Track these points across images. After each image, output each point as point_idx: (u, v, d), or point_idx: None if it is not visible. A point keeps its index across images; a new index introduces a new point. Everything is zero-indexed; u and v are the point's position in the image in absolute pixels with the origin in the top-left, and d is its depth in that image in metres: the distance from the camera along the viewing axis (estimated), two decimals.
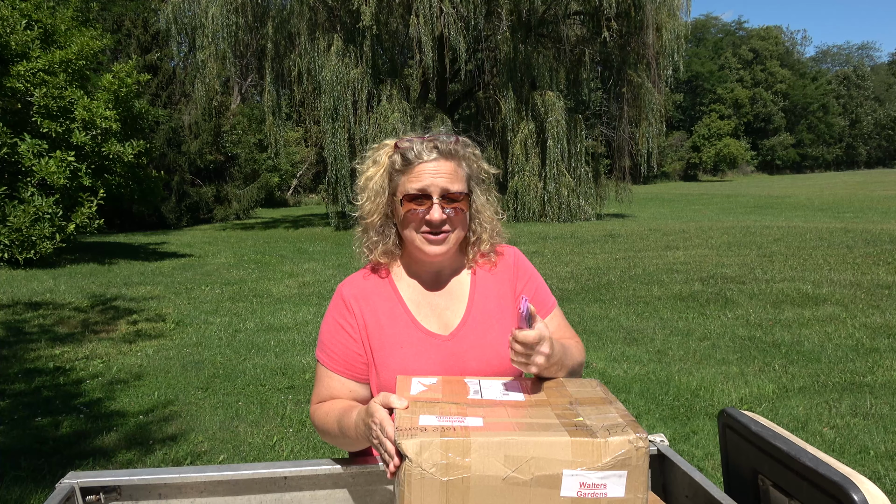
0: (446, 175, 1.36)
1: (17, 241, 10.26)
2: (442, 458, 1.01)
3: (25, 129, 10.53)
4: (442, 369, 1.37)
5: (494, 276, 1.49)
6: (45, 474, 3.36)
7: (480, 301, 1.46)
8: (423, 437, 1.02)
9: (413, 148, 1.36)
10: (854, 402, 4.12)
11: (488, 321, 1.44)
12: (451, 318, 1.44)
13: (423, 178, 1.35)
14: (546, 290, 1.55)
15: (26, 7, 10.67)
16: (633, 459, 1.02)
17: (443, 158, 1.36)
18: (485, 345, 1.41)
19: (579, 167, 18.70)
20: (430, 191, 1.35)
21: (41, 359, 5.48)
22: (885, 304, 6.64)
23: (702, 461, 3.37)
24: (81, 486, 1.35)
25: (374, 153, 1.45)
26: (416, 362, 1.38)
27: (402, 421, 1.07)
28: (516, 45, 18.35)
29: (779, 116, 71.94)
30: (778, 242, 11.64)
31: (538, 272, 1.57)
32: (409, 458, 1.01)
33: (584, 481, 1.02)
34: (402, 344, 1.40)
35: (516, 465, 1.01)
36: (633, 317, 6.64)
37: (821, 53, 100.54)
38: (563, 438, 1.02)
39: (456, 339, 1.41)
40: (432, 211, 1.35)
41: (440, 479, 1.01)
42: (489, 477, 1.01)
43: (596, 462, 1.02)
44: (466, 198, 1.40)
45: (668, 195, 34.20)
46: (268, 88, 18.84)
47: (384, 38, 19.34)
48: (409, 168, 1.36)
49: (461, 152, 1.40)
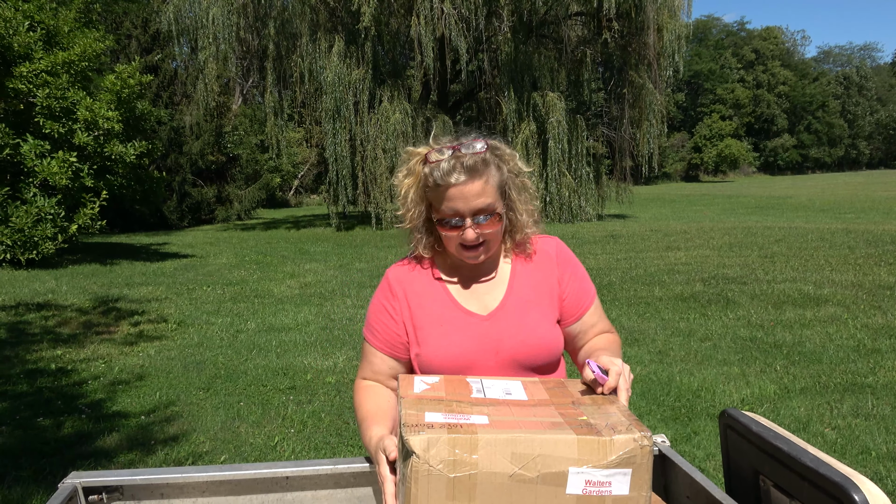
0: (476, 195, 1.36)
1: (19, 242, 10.27)
2: (449, 455, 1.02)
3: (28, 130, 10.55)
4: (479, 346, 1.43)
5: (534, 265, 1.53)
6: (48, 474, 3.36)
7: (519, 287, 1.50)
8: (431, 433, 1.02)
9: (440, 167, 1.36)
10: (855, 403, 4.11)
11: (526, 305, 1.48)
12: (491, 301, 1.49)
13: (453, 201, 1.37)
14: (587, 281, 1.57)
15: (29, 8, 10.69)
16: (638, 458, 1.04)
17: (470, 177, 1.36)
18: (522, 325, 1.45)
19: (580, 168, 18.69)
20: (462, 213, 1.37)
21: (43, 359, 5.48)
22: (887, 305, 6.63)
23: (703, 462, 3.37)
24: (84, 486, 1.35)
25: (409, 161, 1.45)
26: (454, 338, 1.44)
27: (409, 417, 1.08)
28: (517, 45, 18.35)
29: (780, 117, 71.85)
30: (779, 243, 11.63)
31: (581, 266, 1.59)
32: (416, 454, 1.01)
33: (590, 479, 1.03)
34: (442, 322, 1.46)
35: (523, 462, 1.02)
36: (634, 317, 6.64)
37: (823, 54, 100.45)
38: (569, 436, 1.03)
39: (494, 319, 1.46)
40: (465, 234, 1.39)
41: (447, 476, 1.02)
42: (496, 474, 1.02)
43: (601, 460, 1.03)
44: (499, 212, 1.41)
45: (669, 196, 34.18)
46: (269, 89, 18.86)
47: (385, 38, 19.34)
48: (438, 188, 1.37)
49: (491, 161, 1.40)
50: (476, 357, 1.43)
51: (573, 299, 1.52)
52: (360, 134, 17.83)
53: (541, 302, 1.49)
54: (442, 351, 1.43)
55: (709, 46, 73.57)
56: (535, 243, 1.55)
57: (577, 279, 1.54)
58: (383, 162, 17.78)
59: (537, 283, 1.51)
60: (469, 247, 1.42)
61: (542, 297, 1.50)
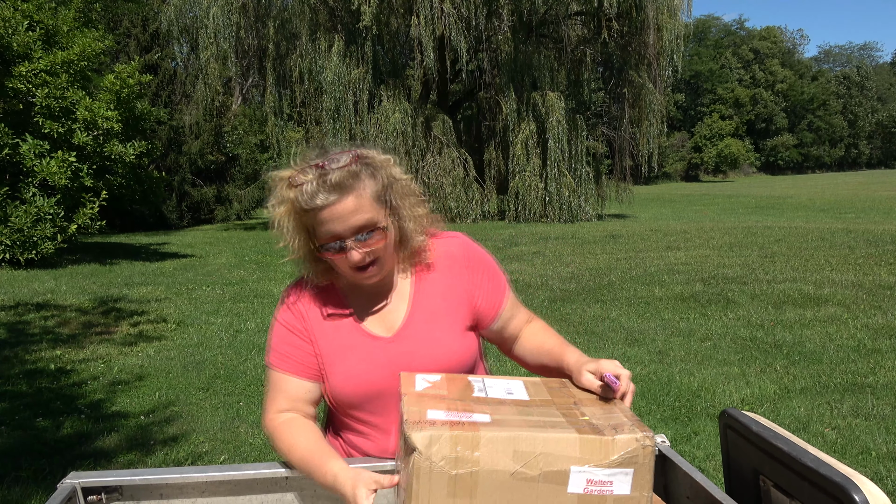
0: (351, 213, 1.24)
1: (18, 242, 10.27)
2: (451, 452, 1.02)
3: (27, 130, 10.54)
4: (388, 370, 1.34)
5: (438, 273, 1.43)
6: (47, 475, 3.36)
7: (423, 300, 1.41)
8: (433, 430, 1.02)
9: (305, 190, 1.23)
10: (856, 403, 4.11)
11: (432, 318, 1.39)
12: (394, 321, 1.40)
13: (328, 224, 1.25)
14: (498, 275, 1.49)
15: (28, 8, 10.68)
16: (640, 458, 1.04)
17: (340, 195, 1.23)
18: (429, 342, 1.37)
19: (580, 167, 18.69)
20: (341, 235, 1.26)
21: (42, 360, 5.48)
22: (887, 305, 6.63)
23: (703, 462, 3.37)
24: (83, 486, 1.35)
25: (276, 188, 1.31)
26: (362, 366, 1.36)
27: (411, 414, 1.08)
28: (517, 45, 18.36)
29: (780, 116, 71.88)
30: (779, 243, 11.63)
31: (489, 256, 1.50)
32: (418, 450, 1.02)
33: (592, 478, 1.03)
34: (346, 349, 1.37)
35: (525, 460, 1.02)
36: (634, 317, 6.64)
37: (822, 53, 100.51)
38: (571, 435, 1.04)
39: (399, 339, 1.38)
40: (350, 255, 1.27)
41: (449, 473, 1.02)
42: (498, 472, 1.02)
43: (603, 459, 1.03)
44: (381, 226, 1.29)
45: (669, 196, 34.19)
46: (269, 89, 18.86)
47: (385, 38, 19.35)
48: (308, 213, 1.25)
49: (361, 172, 1.26)
50: (387, 382, 1.34)
51: (487, 300, 1.45)
52: (359, 134, 17.83)
53: (449, 311, 1.41)
54: (351, 381, 1.36)
55: (708, 46, 73.62)
56: (436, 248, 1.43)
57: (489, 278, 1.46)
58: None
59: (445, 291, 1.42)
60: (360, 268, 1.30)
61: (451, 306, 1.41)
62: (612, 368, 1.23)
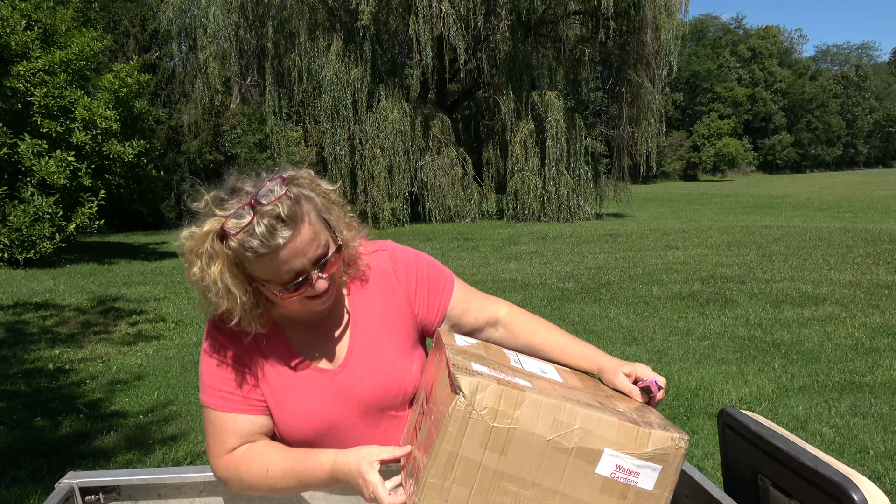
0: (309, 242, 1.13)
1: (17, 241, 10.26)
2: (495, 404, 1.00)
3: (25, 129, 10.53)
4: (338, 404, 1.27)
5: (373, 289, 1.33)
6: (45, 474, 3.35)
7: (364, 323, 1.32)
8: (481, 378, 1.01)
9: (254, 232, 1.08)
10: (854, 402, 4.12)
11: (376, 343, 1.31)
12: (338, 349, 1.30)
13: (290, 262, 1.12)
14: (438, 274, 1.38)
15: (26, 7, 10.67)
16: (671, 457, 1.04)
17: (295, 227, 1.10)
18: (376, 369, 1.29)
19: (579, 167, 18.70)
20: (304, 269, 1.14)
21: (41, 359, 5.48)
22: (885, 304, 6.64)
23: (701, 461, 3.37)
24: (81, 486, 1.35)
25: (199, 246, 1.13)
26: (311, 404, 1.27)
27: (457, 361, 1.08)
28: (516, 44, 18.36)
29: (778, 116, 71.95)
30: (777, 242, 11.64)
31: (422, 256, 1.39)
32: (463, 394, 0.99)
33: (622, 465, 1.03)
34: (290, 385, 1.27)
35: (563, 430, 1.02)
36: (632, 316, 6.64)
37: (820, 53, 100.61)
38: (611, 418, 1.04)
39: (346, 370, 1.28)
40: (316, 286, 1.17)
41: (487, 424, 1.00)
42: (534, 435, 1.01)
43: (637, 449, 1.03)
44: (335, 245, 1.20)
45: (667, 195, 34.20)
46: (269, 88, 18.86)
47: (384, 37, 19.36)
48: (263, 258, 1.10)
49: (300, 196, 1.14)
50: (338, 415, 1.27)
51: (428, 306, 1.36)
52: (358, 133, 17.85)
53: (391, 334, 1.32)
54: (301, 419, 1.26)
55: (706, 45, 73.66)
56: (367, 257, 1.34)
57: (425, 282, 1.36)
58: (381, 161, 17.79)
59: (382, 313, 1.33)
60: (315, 296, 1.19)
61: (392, 328, 1.32)
62: (648, 374, 1.23)
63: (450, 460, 1.01)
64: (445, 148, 18.60)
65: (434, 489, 1.02)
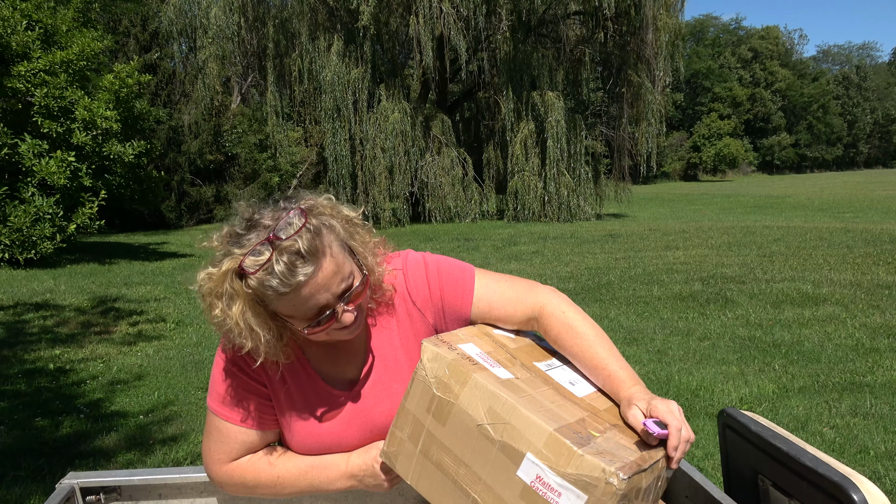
0: (333, 275, 1.09)
1: (17, 242, 10.26)
2: (443, 376, 1.08)
3: (26, 130, 10.53)
4: (350, 427, 1.26)
5: (394, 314, 1.29)
6: (46, 475, 3.35)
7: (383, 347, 1.28)
8: (444, 351, 1.10)
9: (274, 271, 1.04)
10: (854, 402, 4.11)
11: (393, 368, 1.28)
12: (353, 371, 1.28)
13: (314, 299, 1.08)
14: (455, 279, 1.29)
15: (27, 7, 10.67)
16: (598, 490, 0.94)
17: (317, 262, 1.06)
18: (392, 395, 1.26)
19: (579, 167, 18.70)
20: (329, 303, 1.11)
21: (41, 359, 5.48)
22: (885, 304, 6.63)
23: (702, 461, 3.37)
24: (81, 486, 1.35)
25: (216, 285, 1.12)
26: (322, 424, 1.26)
27: (455, 337, 1.17)
28: (516, 44, 18.36)
29: (778, 116, 71.93)
30: (778, 242, 11.64)
31: (435, 271, 1.30)
32: (421, 360, 1.11)
33: (542, 476, 0.99)
34: (305, 405, 1.26)
35: (493, 420, 1.04)
36: (633, 317, 6.64)
37: (821, 53, 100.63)
38: (545, 426, 0.99)
39: (361, 394, 1.27)
40: (343, 319, 1.13)
41: (432, 392, 1.09)
42: (469, 416, 1.06)
43: (559, 465, 0.97)
44: (361, 275, 1.16)
45: (667, 195, 34.20)
46: (270, 89, 18.86)
47: (384, 37, 19.36)
48: (285, 296, 1.07)
49: (320, 227, 1.09)
50: (350, 438, 1.26)
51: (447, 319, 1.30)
52: (359, 133, 17.85)
53: (410, 356, 1.28)
54: (312, 439, 1.26)
55: (707, 45, 73.65)
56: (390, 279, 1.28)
57: (441, 301, 1.29)
58: (382, 161, 17.79)
59: (402, 335, 1.29)
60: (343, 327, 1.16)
61: (412, 350, 1.28)
62: (664, 413, 1.07)
63: (406, 416, 1.13)
64: (446, 148, 18.61)
65: (395, 438, 1.15)
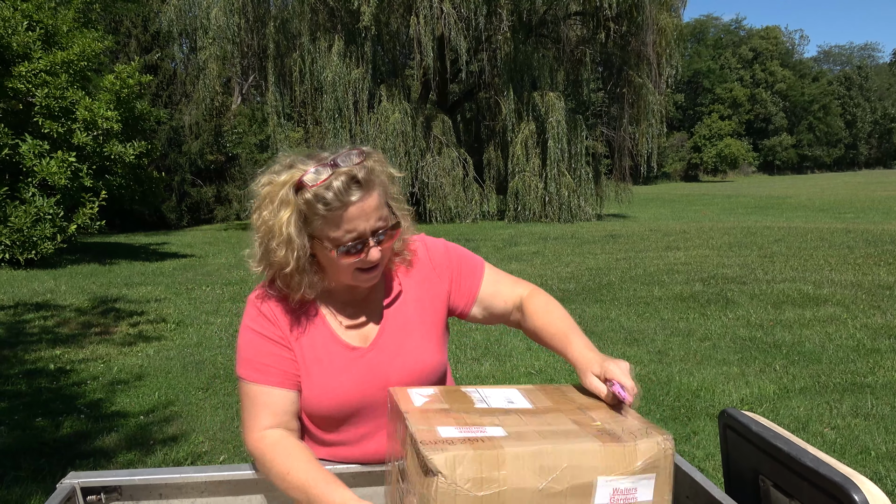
0: (374, 210, 1.22)
1: (18, 242, 10.26)
2: (476, 473, 0.96)
3: (27, 130, 10.54)
4: (365, 382, 1.32)
5: (411, 278, 1.40)
6: (46, 475, 3.36)
7: (398, 307, 1.38)
8: (454, 450, 0.97)
9: (332, 186, 1.17)
10: (855, 403, 4.11)
11: (407, 327, 1.36)
12: (369, 329, 1.36)
13: (353, 222, 1.20)
14: (469, 261, 1.45)
15: (28, 8, 10.68)
16: (661, 462, 1.03)
17: (367, 191, 1.20)
18: (404, 352, 1.34)
19: (580, 167, 18.70)
20: (364, 233, 1.22)
21: (42, 359, 5.48)
22: (887, 305, 6.63)
23: (702, 462, 3.37)
24: (82, 486, 1.35)
25: (273, 189, 1.22)
26: (340, 378, 1.31)
27: (422, 433, 1.01)
28: (517, 45, 18.36)
29: (779, 116, 71.92)
30: (779, 243, 11.63)
31: (454, 248, 1.46)
32: (442, 474, 0.95)
33: (617, 487, 1.01)
34: (321, 359, 1.32)
35: (551, 474, 0.99)
36: (633, 317, 6.64)
37: (822, 54, 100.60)
38: (594, 445, 1.01)
39: (375, 349, 1.34)
40: (370, 255, 1.24)
41: (475, 495, 0.96)
42: (524, 490, 0.98)
43: (628, 468, 1.01)
44: (395, 224, 1.28)
45: (668, 196, 34.20)
46: (271, 89, 18.86)
47: (385, 38, 19.36)
48: (333, 213, 1.18)
49: (375, 169, 1.23)
50: (364, 393, 1.32)
51: (459, 291, 1.43)
52: (359, 133, 17.84)
53: (424, 319, 1.38)
54: (327, 395, 1.30)
55: (708, 46, 73.64)
56: (410, 249, 1.41)
57: (457, 269, 1.43)
58: None
59: (418, 298, 1.39)
60: (366, 269, 1.26)
61: (425, 313, 1.39)
62: (618, 375, 1.17)
63: None
64: (446, 149, 18.61)
65: None
